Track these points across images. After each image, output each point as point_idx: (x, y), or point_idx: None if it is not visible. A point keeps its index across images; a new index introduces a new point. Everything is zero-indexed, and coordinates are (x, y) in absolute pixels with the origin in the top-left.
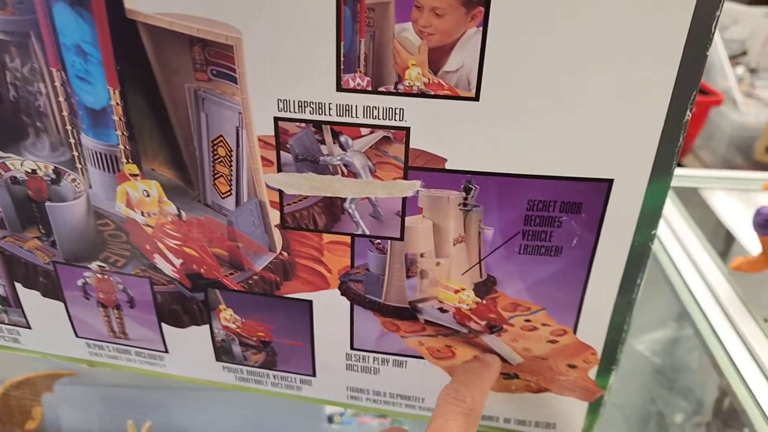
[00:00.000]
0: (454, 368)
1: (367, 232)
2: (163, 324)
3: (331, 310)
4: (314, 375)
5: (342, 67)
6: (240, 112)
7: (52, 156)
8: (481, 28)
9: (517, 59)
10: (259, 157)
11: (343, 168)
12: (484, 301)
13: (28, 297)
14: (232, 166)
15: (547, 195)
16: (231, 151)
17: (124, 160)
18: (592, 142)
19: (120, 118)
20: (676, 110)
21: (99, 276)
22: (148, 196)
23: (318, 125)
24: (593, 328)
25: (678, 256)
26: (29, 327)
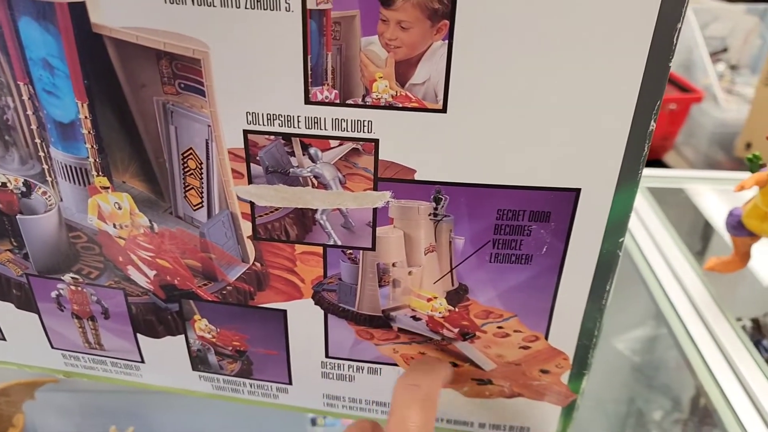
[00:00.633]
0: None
1: (339, 243)
2: (138, 334)
3: (305, 319)
4: (290, 383)
5: (310, 80)
6: (209, 125)
7: (22, 169)
8: (446, 41)
9: (482, 71)
10: (230, 169)
11: (314, 180)
12: (457, 309)
13: (2, 309)
14: (202, 178)
15: (516, 204)
16: (201, 163)
17: (94, 173)
18: (558, 153)
19: (89, 132)
20: (640, 121)
21: (73, 288)
22: (119, 208)
23: (287, 138)
24: (565, 334)
25: (653, 257)
26: (4, 339)
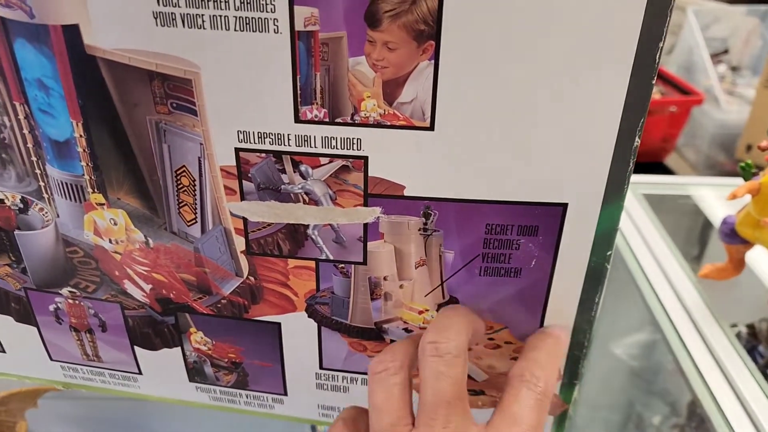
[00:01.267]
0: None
1: (331, 257)
2: (135, 347)
3: (299, 331)
4: (285, 394)
5: (299, 99)
6: (201, 144)
7: (19, 186)
8: (432, 61)
9: (468, 90)
10: (222, 186)
11: (305, 196)
12: None
13: (1, 322)
14: (195, 195)
15: (504, 219)
16: (194, 180)
17: (89, 190)
18: (545, 169)
19: (84, 150)
20: (625, 138)
21: (70, 301)
22: (115, 224)
23: (278, 155)
24: None
25: (647, 263)
26: (4, 351)
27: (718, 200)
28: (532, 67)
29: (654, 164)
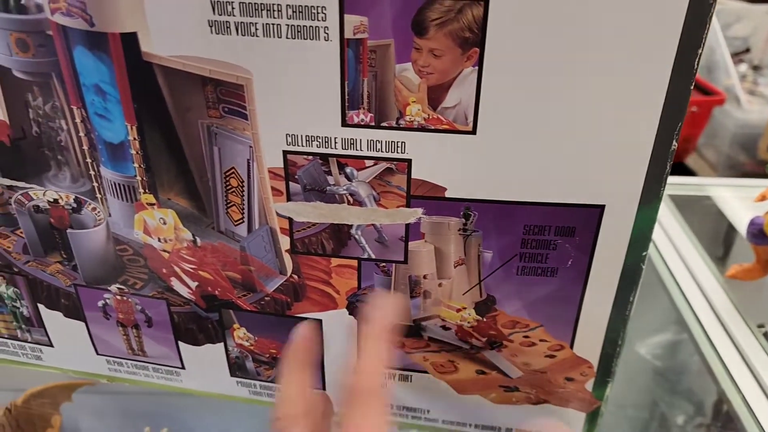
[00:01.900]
0: (458, 381)
1: (373, 256)
2: (179, 342)
3: (339, 328)
4: (324, 389)
5: (346, 104)
6: (251, 146)
7: (74, 187)
8: (476, 68)
9: (510, 95)
10: (269, 187)
11: (349, 197)
12: (485, 319)
13: (51, 317)
14: (243, 195)
15: (542, 220)
16: (242, 182)
17: (141, 191)
18: (584, 171)
19: (137, 152)
20: (662, 140)
21: (118, 298)
22: (164, 223)
23: (325, 158)
24: (589, 343)
25: (675, 264)
26: (51, 345)
27: (740, 201)
28: (574, 73)
29: (674, 164)
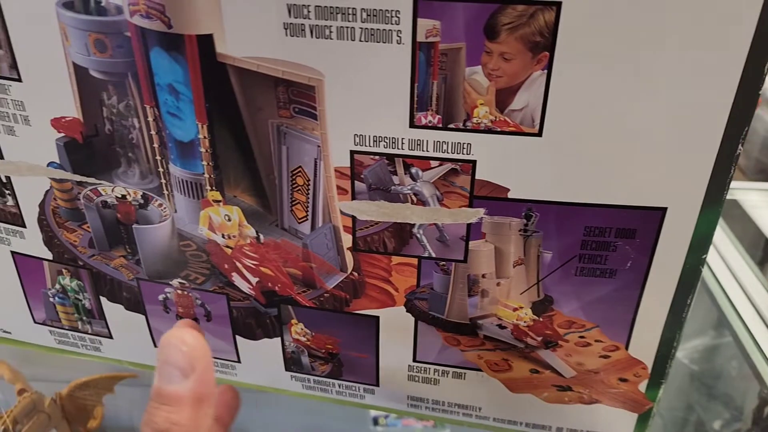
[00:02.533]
0: (511, 380)
1: (434, 255)
2: (237, 336)
3: (396, 325)
4: (377, 385)
5: (415, 106)
6: (319, 146)
7: (142, 183)
8: (545, 71)
9: (578, 98)
10: (335, 186)
11: (413, 197)
12: (541, 319)
13: (112, 310)
14: (309, 194)
15: (603, 222)
16: (309, 180)
17: (208, 188)
18: (648, 174)
19: (206, 150)
20: (728, 145)
21: (179, 292)
22: (229, 220)
23: (391, 158)
24: (644, 345)
25: (716, 265)
26: (111, 337)
27: None
28: (641, 78)
29: None
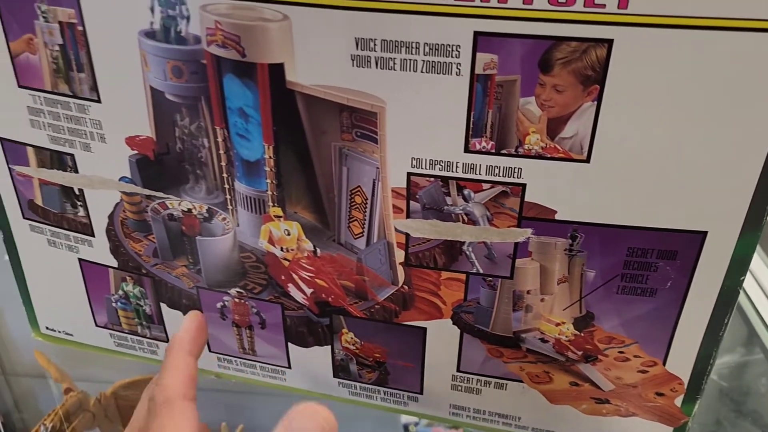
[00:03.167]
0: (551, 391)
1: (481, 271)
2: (289, 343)
3: (442, 337)
4: (421, 393)
5: (470, 132)
6: (378, 168)
7: (208, 198)
8: (595, 103)
9: (625, 128)
10: (391, 205)
11: (464, 216)
12: (582, 334)
13: (171, 316)
14: (366, 212)
15: (646, 244)
16: (366, 199)
17: (270, 204)
18: (690, 199)
19: (271, 169)
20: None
21: (236, 300)
22: (288, 234)
23: (445, 180)
24: (681, 361)
25: (747, 282)
26: (168, 341)
27: None
28: (686, 109)
29: None
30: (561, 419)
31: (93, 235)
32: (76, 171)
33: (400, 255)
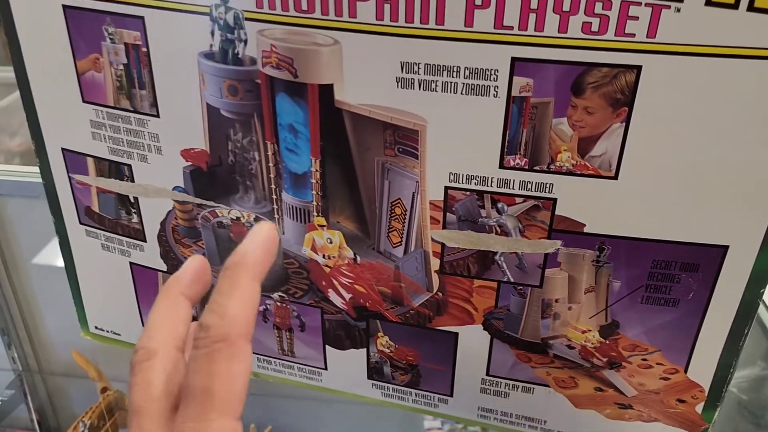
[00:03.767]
0: (576, 396)
1: (512, 280)
2: (327, 346)
3: (473, 341)
4: (451, 395)
5: (506, 150)
6: (417, 181)
7: (256, 208)
8: (624, 124)
9: (652, 147)
10: (429, 216)
11: (498, 228)
12: (607, 341)
13: None
14: (405, 222)
15: (670, 256)
16: (406, 211)
17: (315, 214)
18: (713, 216)
19: (317, 181)
20: None
21: (278, 304)
22: (330, 242)
23: (480, 194)
24: (702, 369)
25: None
26: None
27: None
28: (709, 131)
29: None
30: (585, 423)
31: (145, 241)
32: (133, 180)
33: (435, 263)
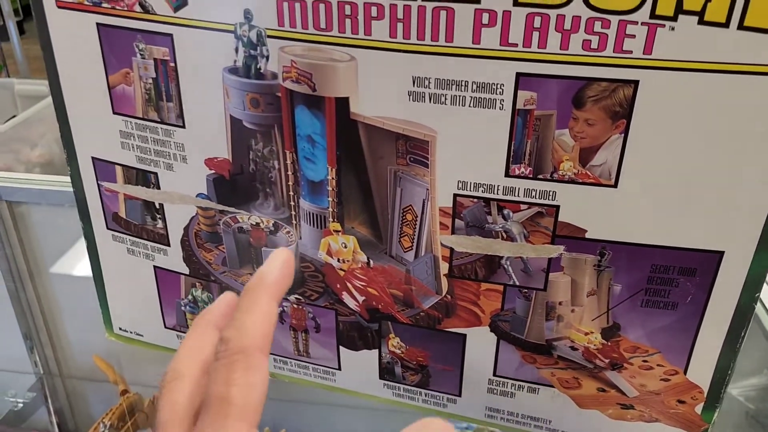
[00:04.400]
0: (580, 396)
1: (518, 283)
2: (340, 347)
3: (480, 343)
4: (459, 395)
5: (511, 159)
6: (427, 189)
7: (274, 214)
8: (623, 135)
9: (650, 157)
10: (438, 222)
11: (504, 233)
12: (609, 343)
13: None
14: (415, 228)
15: (668, 261)
16: (416, 217)
17: (330, 220)
18: (708, 222)
19: (333, 189)
20: None
21: (294, 306)
22: (345, 247)
23: (487, 201)
24: (701, 371)
25: None
26: None
27: None
28: (703, 142)
29: None
30: (589, 423)
31: (169, 245)
32: (159, 187)
33: (444, 267)
